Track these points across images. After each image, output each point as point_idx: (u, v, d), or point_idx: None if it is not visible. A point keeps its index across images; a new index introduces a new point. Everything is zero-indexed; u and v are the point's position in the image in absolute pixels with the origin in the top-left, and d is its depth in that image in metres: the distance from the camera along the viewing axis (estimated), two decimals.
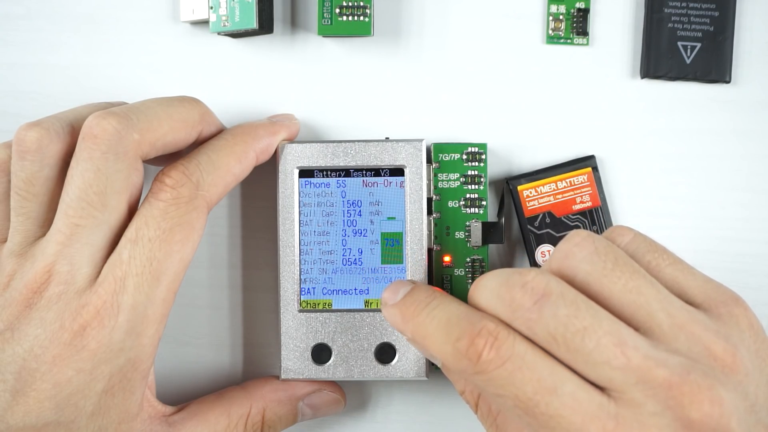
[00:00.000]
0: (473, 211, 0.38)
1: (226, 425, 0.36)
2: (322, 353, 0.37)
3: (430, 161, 0.38)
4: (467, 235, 0.38)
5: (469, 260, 0.38)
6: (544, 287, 0.28)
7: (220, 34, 0.38)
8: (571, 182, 0.38)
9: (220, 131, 0.36)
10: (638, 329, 0.28)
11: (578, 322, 0.27)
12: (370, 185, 0.37)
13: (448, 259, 0.38)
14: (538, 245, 0.38)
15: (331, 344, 0.37)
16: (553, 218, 0.38)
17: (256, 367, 0.40)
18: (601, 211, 0.38)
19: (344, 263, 0.37)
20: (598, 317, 0.27)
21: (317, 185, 0.37)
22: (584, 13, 0.38)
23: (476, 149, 0.37)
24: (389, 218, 0.37)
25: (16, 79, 0.40)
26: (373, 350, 0.37)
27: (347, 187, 0.37)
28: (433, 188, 0.38)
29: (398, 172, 0.37)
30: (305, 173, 0.37)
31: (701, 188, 0.39)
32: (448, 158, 0.38)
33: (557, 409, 0.27)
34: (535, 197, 0.38)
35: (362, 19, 0.37)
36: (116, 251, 0.32)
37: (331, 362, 0.37)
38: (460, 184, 0.38)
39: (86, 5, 0.40)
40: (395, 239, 0.37)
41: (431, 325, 0.30)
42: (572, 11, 0.38)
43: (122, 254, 0.32)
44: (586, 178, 0.38)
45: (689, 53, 0.38)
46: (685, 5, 0.38)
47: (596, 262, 0.29)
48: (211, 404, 0.36)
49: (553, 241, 0.38)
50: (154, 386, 0.35)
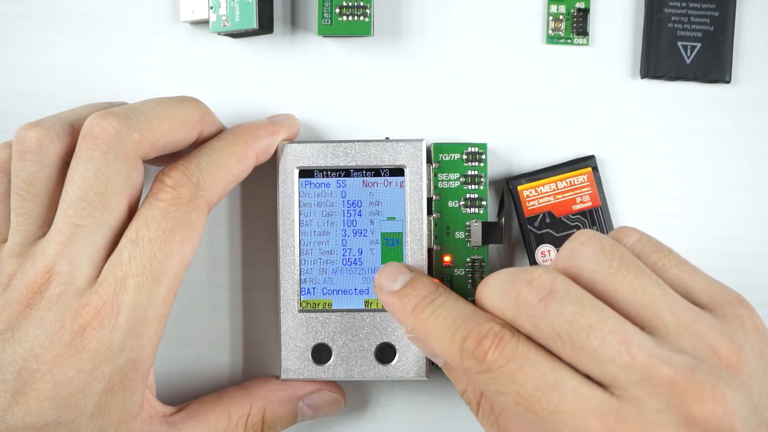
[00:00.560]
0: (473, 211, 0.38)
1: (226, 425, 0.36)
2: (322, 353, 0.37)
3: (430, 161, 0.38)
4: (467, 235, 0.38)
5: (469, 260, 0.38)
6: (550, 284, 0.28)
7: (220, 34, 0.38)
8: (571, 182, 0.38)
9: (220, 131, 0.36)
10: (643, 328, 0.28)
11: (583, 319, 0.27)
12: (370, 185, 0.37)
13: (448, 259, 0.37)
14: (538, 245, 0.38)
15: (331, 344, 0.37)
16: (553, 218, 0.38)
17: (256, 367, 0.40)
18: (601, 211, 0.38)
19: (344, 263, 0.37)
20: (603, 315, 0.27)
21: (317, 185, 0.37)
22: (584, 13, 0.38)
23: (476, 149, 0.37)
24: (389, 218, 0.37)
25: (16, 79, 0.40)
26: (373, 350, 0.37)
27: (347, 187, 0.37)
28: (433, 188, 0.37)
29: (398, 172, 0.37)
30: (305, 173, 0.37)
31: (701, 188, 0.39)
32: (448, 158, 0.38)
33: (558, 405, 0.27)
34: (535, 197, 0.38)
35: (362, 19, 0.37)
36: (116, 251, 0.32)
37: (331, 362, 0.37)
38: (460, 184, 0.38)
39: (86, 5, 0.40)
40: (395, 239, 0.37)
41: (436, 323, 0.30)
42: (572, 11, 0.38)
43: (122, 254, 0.32)
44: (586, 178, 0.38)
45: (689, 53, 0.38)
46: (685, 5, 0.38)
47: (602, 260, 0.29)
48: (211, 404, 0.36)
49: (553, 241, 0.38)
50: (154, 386, 0.35)
